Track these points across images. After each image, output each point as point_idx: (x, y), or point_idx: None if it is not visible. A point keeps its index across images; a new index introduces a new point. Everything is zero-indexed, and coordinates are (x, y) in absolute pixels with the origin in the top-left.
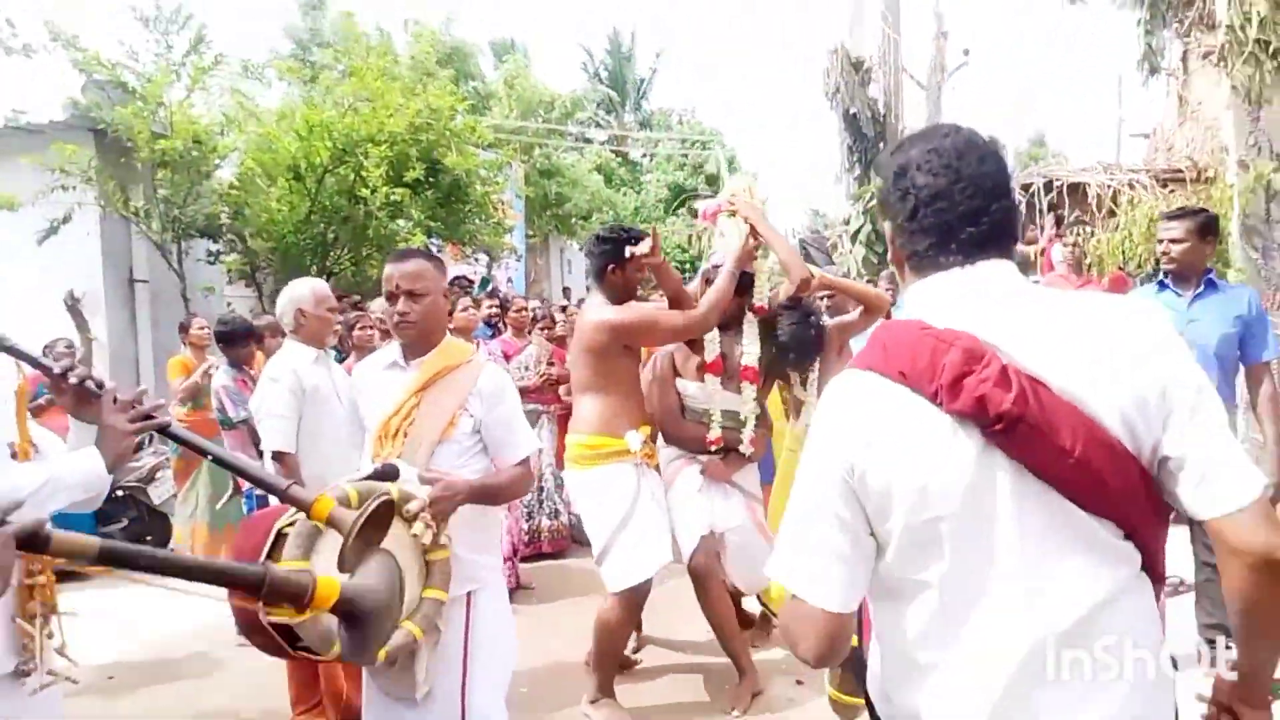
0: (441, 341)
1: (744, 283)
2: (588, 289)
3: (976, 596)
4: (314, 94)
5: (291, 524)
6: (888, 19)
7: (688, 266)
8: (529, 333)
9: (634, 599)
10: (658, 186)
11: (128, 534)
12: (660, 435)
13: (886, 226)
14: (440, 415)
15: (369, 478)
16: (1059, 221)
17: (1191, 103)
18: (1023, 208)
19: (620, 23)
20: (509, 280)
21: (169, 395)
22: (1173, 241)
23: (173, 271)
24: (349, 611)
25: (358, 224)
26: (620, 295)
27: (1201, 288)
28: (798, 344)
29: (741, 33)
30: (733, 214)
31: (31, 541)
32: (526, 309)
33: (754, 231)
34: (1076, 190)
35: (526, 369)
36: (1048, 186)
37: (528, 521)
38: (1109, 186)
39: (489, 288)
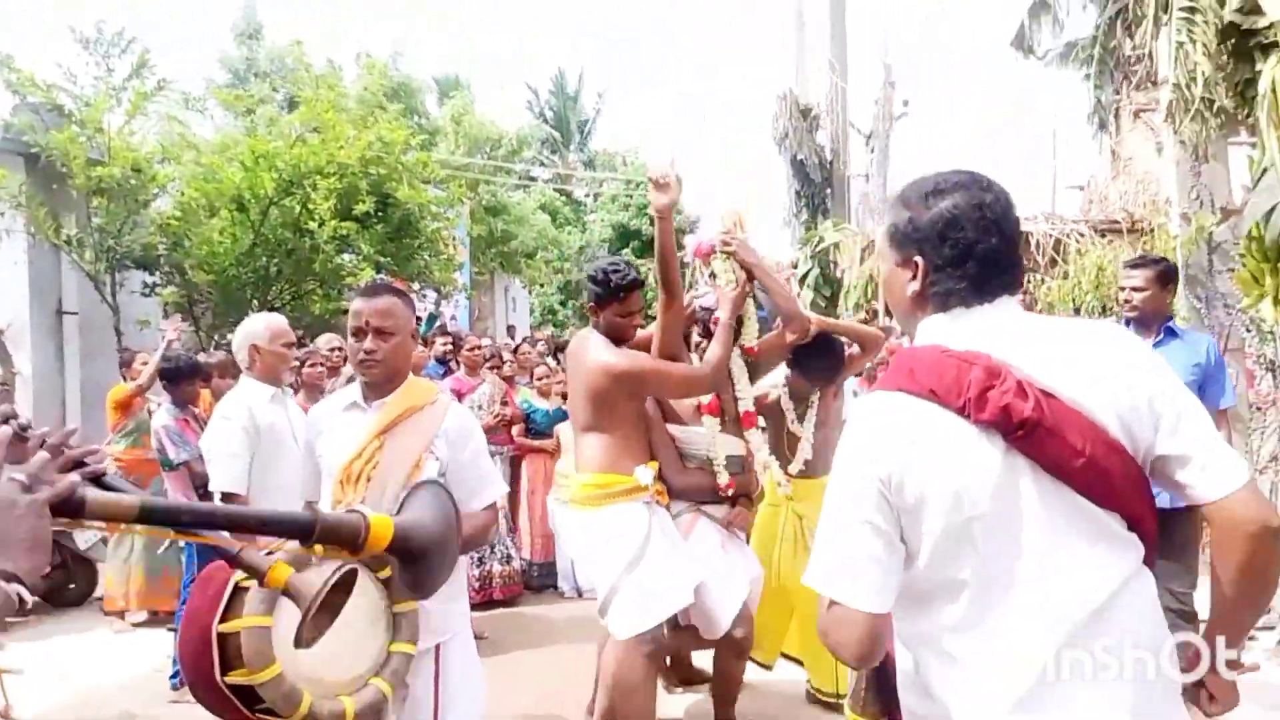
0: (405, 382)
1: (708, 325)
2: (531, 327)
3: (1007, 586)
4: (255, 125)
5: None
6: (835, 67)
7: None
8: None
9: (651, 649)
10: (602, 226)
11: (49, 582)
12: None
13: (917, 261)
14: (405, 459)
15: None
16: None
17: (1123, 157)
18: None
19: (565, 63)
20: (453, 318)
21: (105, 433)
22: (1135, 289)
23: (105, 304)
24: (406, 549)
25: (303, 257)
26: (608, 333)
27: (1161, 335)
28: (821, 362)
29: (686, 77)
30: (728, 255)
31: (67, 506)
32: (481, 347)
33: (749, 275)
34: (1020, 238)
35: (480, 408)
36: None
37: (478, 567)
38: (1051, 235)
39: (436, 324)
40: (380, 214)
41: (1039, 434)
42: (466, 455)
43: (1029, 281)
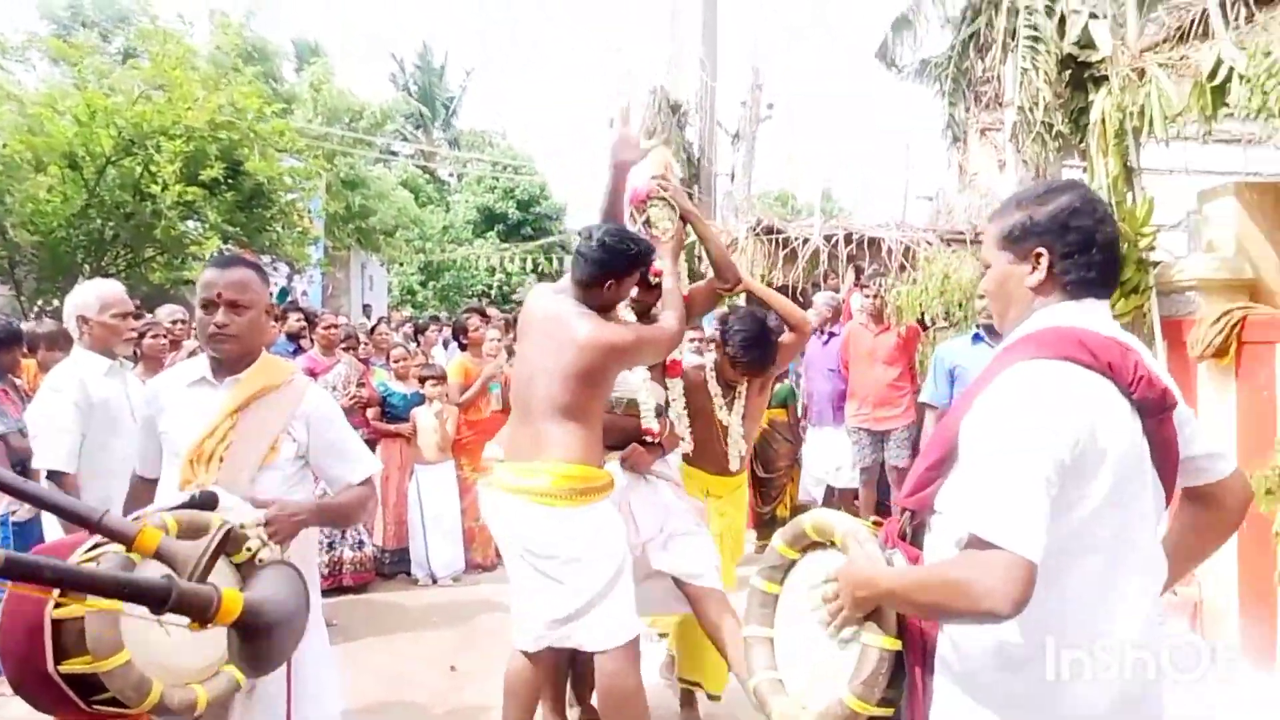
0: (259, 359)
1: (645, 276)
2: (390, 307)
3: (1129, 554)
4: (85, 78)
5: (91, 561)
6: (705, 65)
7: (494, 290)
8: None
9: (637, 649)
10: (467, 208)
11: None
12: None
13: (1040, 252)
14: (261, 439)
15: (185, 506)
16: (859, 272)
17: (970, 172)
18: (826, 258)
19: (431, 38)
20: (304, 293)
21: None
22: None
23: None
24: (252, 625)
25: (143, 222)
26: (606, 308)
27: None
28: (756, 350)
29: (554, 62)
30: (663, 200)
31: None
32: (337, 325)
33: (684, 219)
34: (873, 244)
35: (334, 389)
36: (847, 239)
37: (328, 553)
38: (902, 243)
39: (288, 300)
40: (230, 181)
41: (1168, 419)
42: (329, 438)
43: (880, 285)
